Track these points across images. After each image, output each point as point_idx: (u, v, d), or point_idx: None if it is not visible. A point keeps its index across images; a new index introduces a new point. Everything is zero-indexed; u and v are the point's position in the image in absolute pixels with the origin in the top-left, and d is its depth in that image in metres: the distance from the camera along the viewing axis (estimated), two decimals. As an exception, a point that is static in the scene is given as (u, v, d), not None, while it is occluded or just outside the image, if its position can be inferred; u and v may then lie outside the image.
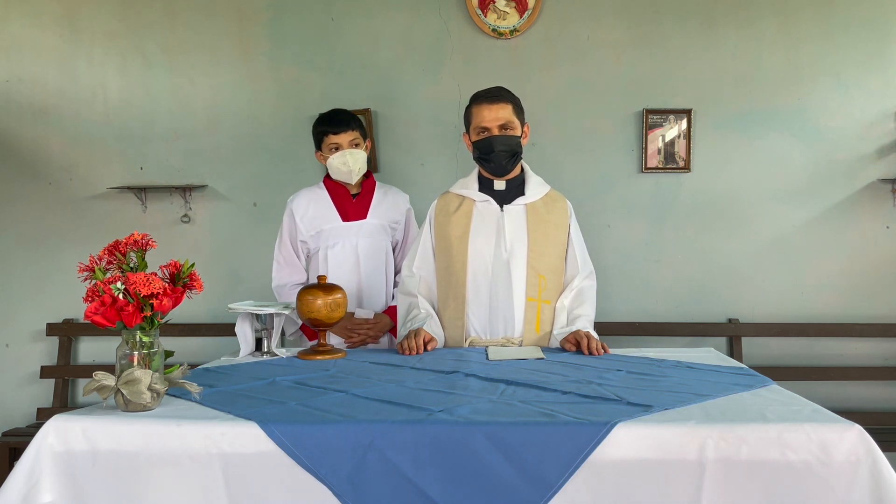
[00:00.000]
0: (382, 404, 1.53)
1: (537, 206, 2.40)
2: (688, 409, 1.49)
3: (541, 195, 2.43)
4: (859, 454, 1.35)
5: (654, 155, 3.54)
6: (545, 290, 2.33)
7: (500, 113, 2.31)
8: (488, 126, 2.31)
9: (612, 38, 3.55)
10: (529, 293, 2.32)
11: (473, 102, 2.37)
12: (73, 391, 3.71)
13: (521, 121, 2.37)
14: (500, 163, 2.34)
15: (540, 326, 2.32)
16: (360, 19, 3.61)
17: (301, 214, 2.73)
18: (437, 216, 2.45)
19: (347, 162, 2.63)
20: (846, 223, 3.51)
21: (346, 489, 1.36)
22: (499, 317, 2.33)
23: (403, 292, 2.46)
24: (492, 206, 2.39)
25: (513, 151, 2.34)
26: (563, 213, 2.44)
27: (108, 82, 3.68)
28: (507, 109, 2.32)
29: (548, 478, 1.34)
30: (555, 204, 2.44)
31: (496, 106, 2.31)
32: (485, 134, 2.32)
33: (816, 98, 3.50)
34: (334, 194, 2.73)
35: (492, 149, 2.31)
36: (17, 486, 1.38)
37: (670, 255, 3.58)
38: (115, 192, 3.68)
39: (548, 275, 2.34)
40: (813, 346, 3.55)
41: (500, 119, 2.31)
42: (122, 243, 1.56)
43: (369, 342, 2.63)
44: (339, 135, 2.64)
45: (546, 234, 2.37)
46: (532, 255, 2.33)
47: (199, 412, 1.49)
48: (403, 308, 2.45)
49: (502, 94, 2.35)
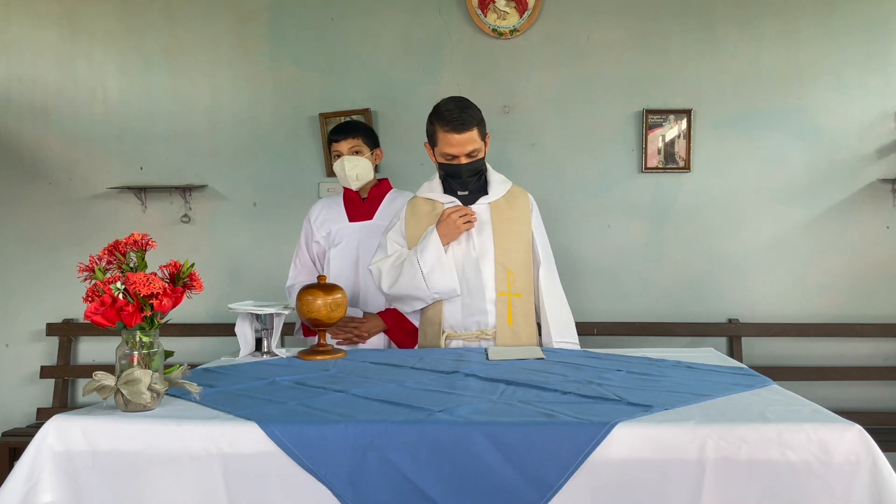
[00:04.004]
0: (382, 404, 1.53)
1: (500, 203, 2.46)
2: (688, 409, 1.49)
3: (503, 193, 2.48)
4: (859, 454, 1.35)
5: (654, 155, 3.54)
6: (514, 284, 2.40)
7: (467, 142, 2.32)
8: (455, 154, 2.35)
9: (612, 38, 3.55)
10: (499, 288, 2.39)
11: (440, 125, 2.33)
12: (73, 391, 3.71)
13: (483, 137, 2.39)
14: (466, 183, 2.42)
15: (512, 319, 2.38)
16: (360, 19, 3.61)
17: (315, 217, 2.83)
18: (408, 219, 2.50)
19: (344, 167, 2.71)
20: (846, 223, 3.51)
21: (346, 489, 1.36)
22: (472, 312, 2.39)
23: (385, 268, 2.45)
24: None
25: (478, 172, 2.42)
26: (525, 207, 2.49)
27: (108, 82, 3.68)
28: (474, 135, 2.33)
29: (548, 478, 1.34)
30: (516, 200, 2.49)
31: (463, 136, 2.31)
32: (452, 161, 2.37)
33: (816, 98, 3.50)
34: (347, 199, 2.83)
35: (459, 175, 2.39)
36: (17, 486, 1.38)
37: (670, 255, 3.58)
38: (114, 192, 3.68)
39: (515, 269, 2.41)
40: (813, 346, 3.54)
41: (467, 148, 2.34)
42: (122, 243, 1.56)
43: (357, 341, 2.64)
44: (339, 142, 2.74)
45: (510, 230, 2.43)
46: (499, 252, 2.40)
47: (199, 412, 1.49)
48: (392, 266, 2.43)
49: (468, 119, 2.31)
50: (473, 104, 2.36)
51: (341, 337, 2.65)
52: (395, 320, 2.68)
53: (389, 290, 2.43)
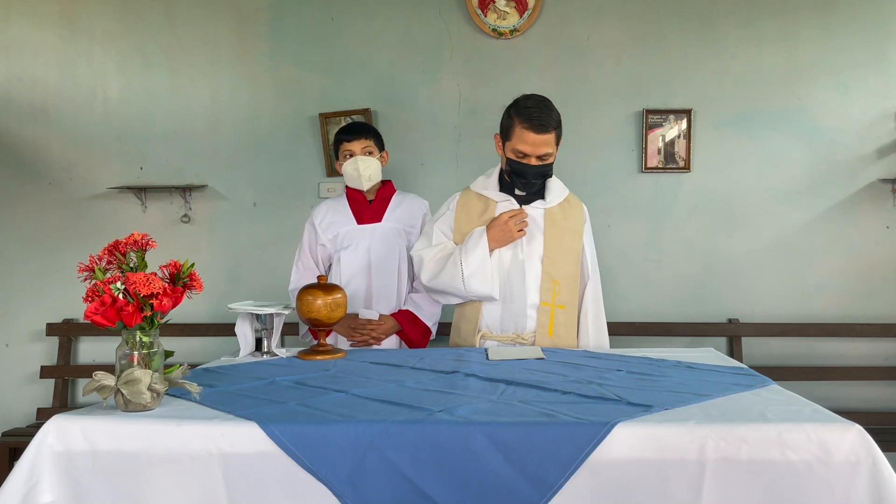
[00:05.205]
0: (382, 404, 1.53)
1: (554, 211, 2.43)
2: (688, 409, 1.49)
3: (559, 200, 2.45)
4: (859, 454, 1.35)
5: (654, 155, 3.54)
6: (559, 296, 2.36)
7: (542, 144, 2.27)
8: (529, 153, 2.29)
9: (612, 38, 3.55)
10: (543, 298, 2.35)
11: (519, 121, 2.27)
12: (73, 391, 3.71)
13: (558, 142, 2.34)
14: (531, 183, 2.37)
15: (553, 330, 2.34)
16: (360, 19, 3.61)
17: (320, 220, 2.81)
18: (459, 212, 2.46)
19: (358, 167, 2.71)
20: (846, 223, 3.51)
21: (345, 489, 1.36)
22: (511, 315, 2.36)
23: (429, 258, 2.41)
24: (512, 207, 2.42)
25: (545, 176, 2.38)
26: (579, 219, 2.47)
27: (108, 82, 3.68)
28: (550, 139, 2.28)
29: (548, 478, 1.34)
30: (572, 210, 2.47)
31: (541, 137, 2.26)
32: (523, 159, 2.31)
33: (816, 98, 3.50)
34: (352, 200, 2.81)
35: (526, 176, 2.33)
36: (17, 486, 1.38)
37: (670, 255, 3.58)
38: (114, 192, 3.68)
39: (562, 280, 2.37)
40: (813, 346, 3.54)
41: (542, 150, 2.28)
42: (122, 243, 1.56)
43: (372, 343, 2.65)
44: (351, 142, 2.74)
45: (561, 241, 2.40)
46: (547, 261, 2.37)
47: (199, 412, 1.49)
48: (437, 259, 2.38)
49: (549, 121, 2.26)
50: (554, 107, 2.31)
51: (357, 339, 2.65)
52: (409, 321, 2.68)
53: (428, 282, 2.40)
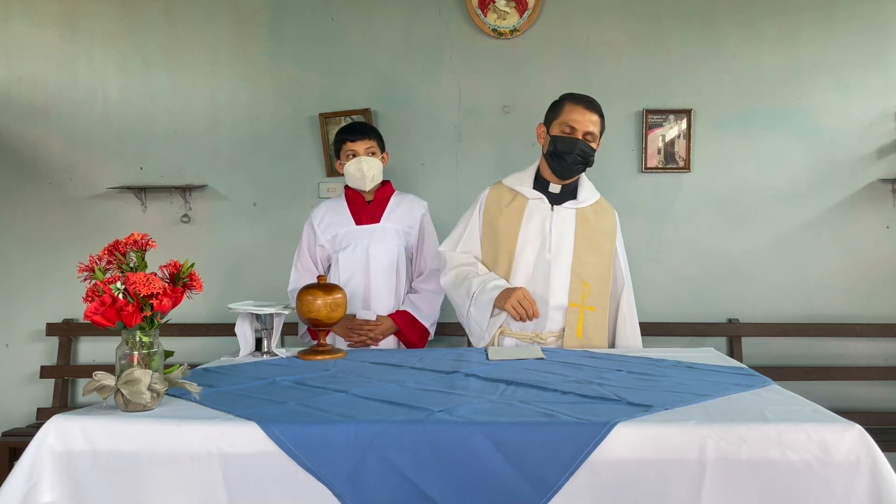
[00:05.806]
0: (382, 404, 1.53)
1: (587, 212, 2.43)
2: (688, 409, 1.49)
3: (592, 202, 2.46)
4: (859, 454, 1.35)
5: (654, 155, 3.54)
6: (589, 297, 2.35)
7: (590, 122, 2.34)
8: (576, 127, 2.33)
9: (612, 38, 3.55)
10: (572, 299, 2.34)
11: (568, 100, 2.39)
12: (72, 391, 3.71)
13: (601, 134, 2.41)
14: (571, 166, 2.37)
15: (582, 332, 2.34)
16: (360, 19, 3.61)
17: (319, 221, 2.81)
18: (489, 206, 2.46)
19: (362, 168, 2.71)
20: (846, 223, 3.51)
21: (345, 489, 1.36)
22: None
23: (453, 265, 2.45)
24: (543, 205, 2.42)
25: (586, 161, 2.38)
26: (612, 223, 2.48)
27: (108, 82, 3.68)
28: (597, 120, 2.37)
29: (548, 478, 1.34)
30: (605, 213, 2.47)
31: (591, 113, 2.35)
32: (570, 133, 2.34)
33: (816, 98, 3.50)
34: (351, 201, 2.81)
35: (571, 150, 2.33)
36: (16, 486, 1.38)
37: (670, 255, 3.58)
38: (114, 192, 3.68)
39: (592, 282, 2.37)
40: (813, 346, 3.54)
41: (589, 127, 2.34)
42: (122, 243, 1.56)
43: (370, 343, 2.66)
44: (355, 142, 2.74)
45: (592, 242, 2.40)
46: (576, 262, 2.36)
47: (199, 412, 1.49)
48: (458, 276, 2.42)
49: (598, 107, 2.39)
50: None
51: (355, 340, 2.66)
52: (407, 322, 2.69)
53: (444, 287, 2.49)
